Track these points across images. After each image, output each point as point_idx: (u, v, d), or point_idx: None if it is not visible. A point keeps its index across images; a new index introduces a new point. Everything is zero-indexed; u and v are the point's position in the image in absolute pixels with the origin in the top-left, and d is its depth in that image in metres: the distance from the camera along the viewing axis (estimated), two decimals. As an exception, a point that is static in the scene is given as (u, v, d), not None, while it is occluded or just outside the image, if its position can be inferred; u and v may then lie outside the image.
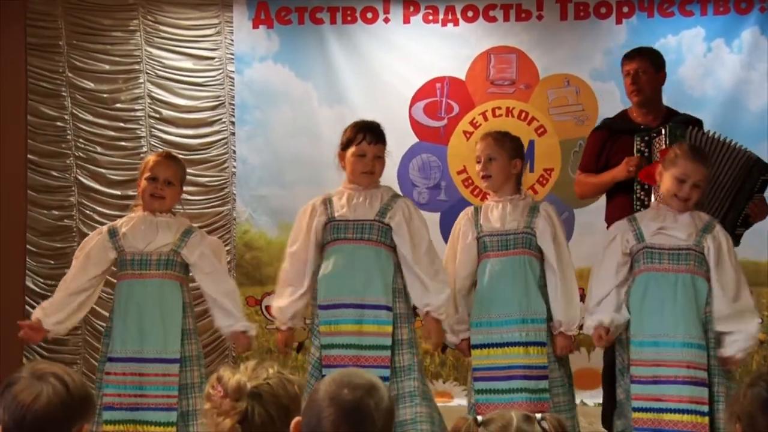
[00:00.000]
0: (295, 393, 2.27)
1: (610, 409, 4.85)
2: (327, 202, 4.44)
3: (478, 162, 4.47)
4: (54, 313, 4.38)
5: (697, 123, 5.17)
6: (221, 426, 2.21)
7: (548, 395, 4.26)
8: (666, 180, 4.25)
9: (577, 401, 4.60)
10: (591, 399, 6.13)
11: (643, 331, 4.17)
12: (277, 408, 2.22)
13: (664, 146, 4.73)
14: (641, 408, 4.13)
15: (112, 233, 4.45)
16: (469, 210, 4.55)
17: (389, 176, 6.67)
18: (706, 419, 4.04)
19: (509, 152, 4.45)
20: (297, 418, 2.10)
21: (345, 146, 4.47)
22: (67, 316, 4.42)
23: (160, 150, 6.72)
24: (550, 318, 4.35)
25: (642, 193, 4.89)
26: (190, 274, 4.53)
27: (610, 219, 4.94)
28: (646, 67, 5.12)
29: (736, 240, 4.67)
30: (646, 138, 4.90)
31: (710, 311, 4.15)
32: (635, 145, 4.92)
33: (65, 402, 2.13)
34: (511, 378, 4.28)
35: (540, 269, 4.37)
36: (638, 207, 4.86)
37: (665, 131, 4.77)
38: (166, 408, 4.25)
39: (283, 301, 4.44)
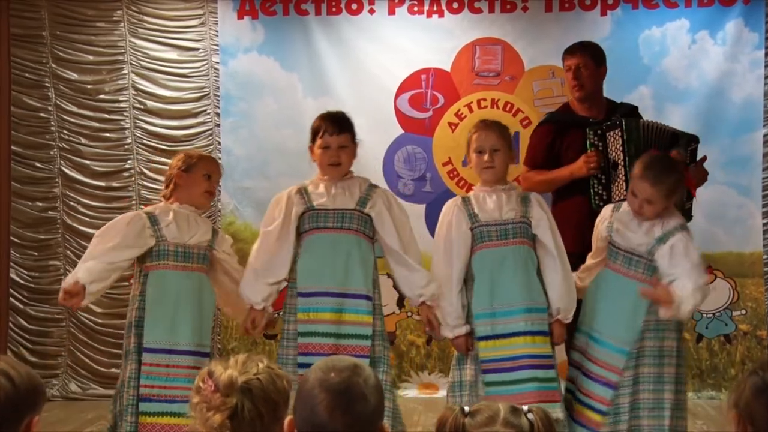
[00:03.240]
0: (284, 388, 2.27)
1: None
2: (302, 192, 4.41)
3: (481, 152, 4.37)
4: (96, 281, 4.24)
5: (635, 110, 5.21)
6: (210, 421, 2.21)
7: (557, 384, 4.26)
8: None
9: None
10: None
11: (590, 324, 4.32)
12: (266, 403, 2.22)
13: (621, 141, 4.74)
14: (567, 389, 4.39)
15: (154, 221, 4.38)
16: (457, 200, 4.47)
17: (374, 168, 6.72)
18: (603, 418, 4.19)
19: (509, 143, 4.43)
20: (289, 417, 2.10)
21: (312, 139, 4.47)
22: (103, 288, 4.33)
23: (153, 141, 6.79)
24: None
25: (599, 187, 4.89)
26: None
27: (562, 220, 4.68)
28: (587, 62, 5.11)
29: (687, 214, 4.67)
30: (599, 132, 4.88)
31: (652, 320, 4.19)
32: (588, 139, 4.91)
33: (11, 397, 2.09)
34: (520, 368, 4.25)
35: (536, 258, 4.36)
36: (597, 201, 4.87)
37: (622, 126, 4.76)
38: None
39: (258, 282, 4.36)
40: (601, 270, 4.37)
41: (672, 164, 4.30)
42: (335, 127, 4.40)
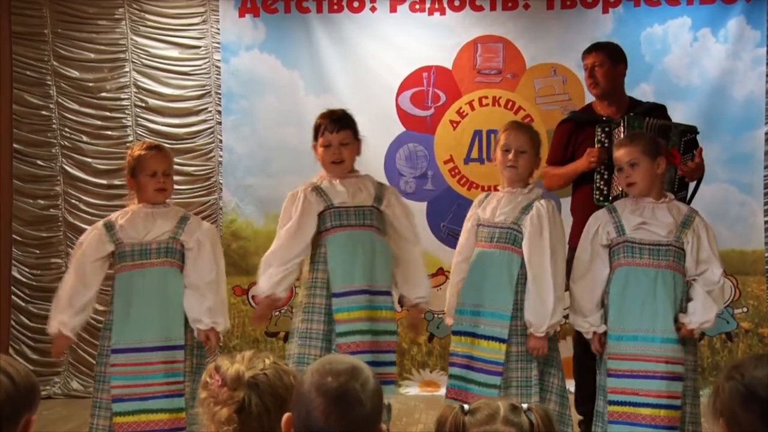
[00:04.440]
0: (291, 383, 2.27)
1: (580, 394, 5.01)
2: (319, 190, 4.42)
3: (507, 151, 4.35)
4: (76, 324, 4.43)
5: (661, 109, 5.26)
6: (218, 415, 2.21)
7: (497, 392, 4.21)
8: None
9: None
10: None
11: (621, 325, 4.18)
12: (273, 398, 2.22)
13: (622, 136, 4.80)
14: (617, 401, 4.15)
15: (109, 227, 4.41)
16: (481, 195, 4.57)
17: (376, 165, 6.71)
18: (679, 413, 4.08)
19: (537, 149, 4.43)
20: (287, 414, 2.10)
21: (315, 138, 4.49)
22: (85, 318, 4.51)
23: (145, 140, 6.70)
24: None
25: (601, 182, 4.97)
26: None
27: (576, 208, 5.13)
28: (603, 61, 5.20)
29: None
30: (606, 129, 4.98)
31: (686, 306, 4.16)
32: (596, 136, 5.00)
33: (11, 395, 2.09)
34: (471, 368, 4.31)
35: (522, 266, 4.30)
36: (597, 196, 4.95)
37: (624, 122, 4.85)
38: (173, 395, 4.25)
39: (275, 271, 4.35)
40: (617, 270, 4.25)
41: (645, 132, 4.49)
42: (335, 125, 4.42)
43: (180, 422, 4.26)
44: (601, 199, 4.90)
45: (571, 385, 5.07)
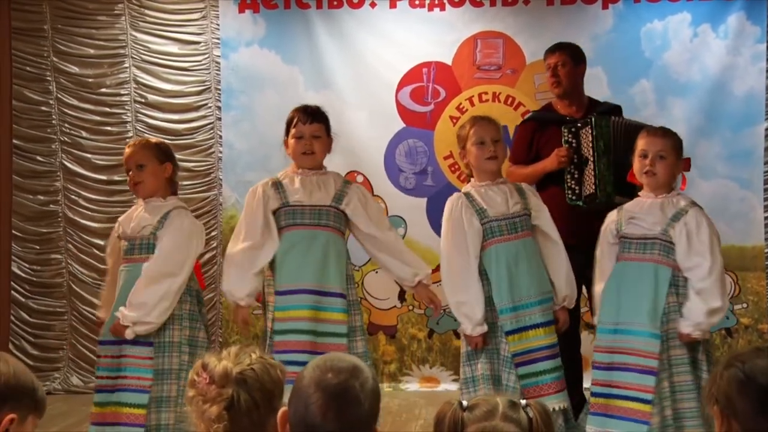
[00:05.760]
0: (278, 377, 2.27)
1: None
2: (277, 186, 4.41)
3: (483, 144, 4.39)
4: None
5: (618, 109, 5.35)
6: (208, 413, 2.20)
7: (563, 373, 4.30)
8: (634, 163, 4.31)
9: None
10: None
11: (608, 318, 4.24)
12: (262, 393, 2.22)
13: (591, 137, 4.91)
14: (597, 393, 4.21)
15: (119, 224, 4.52)
16: (459, 197, 4.46)
17: (376, 161, 6.73)
18: (649, 407, 4.08)
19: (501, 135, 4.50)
20: (283, 408, 2.10)
21: (286, 132, 4.48)
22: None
23: (154, 135, 6.70)
24: None
25: (573, 182, 5.04)
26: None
27: None
28: (565, 60, 5.30)
29: None
30: (573, 129, 5.04)
31: (674, 302, 4.16)
32: (563, 136, 5.08)
33: None
34: (540, 360, 4.29)
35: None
36: (570, 196, 5.02)
37: (591, 123, 4.92)
38: (139, 390, 4.23)
39: (242, 276, 4.35)
40: (615, 265, 4.30)
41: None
42: (308, 117, 4.42)
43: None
44: (574, 198, 5.01)
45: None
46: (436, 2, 6.87)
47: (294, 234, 4.35)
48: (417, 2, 6.88)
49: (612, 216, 4.38)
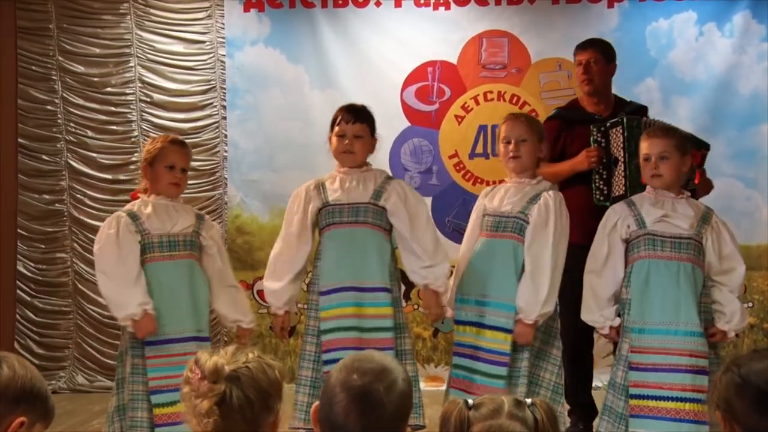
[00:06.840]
0: (276, 377, 2.26)
1: (573, 385, 4.91)
2: (320, 187, 4.44)
3: (508, 142, 4.36)
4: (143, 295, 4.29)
5: (644, 109, 5.27)
6: (199, 407, 2.20)
7: (503, 383, 4.20)
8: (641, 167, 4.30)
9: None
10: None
11: (644, 318, 4.13)
12: (256, 392, 2.22)
13: (622, 138, 4.81)
14: (639, 395, 4.09)
15: (133, 217, 4.36)
16: (488, 188, 4.57)
17: (381, 160, 6.70)
18: (705, 407, 4.00)
19: (539, 136, 4.41)
20: (315, 404, 2.13)
21: (331, 129, 4.49)
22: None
23: (160, 134, 6.65)
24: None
25: (601, 183, 4.94)
26: None
27: (569, 206, 4.77)
28: (598, 58, 5.17)
29: None
30: (602, 129, 4.95)
31: (707, 301, 4.15)
32: (592, 135, 4.97)
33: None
34: (476, 359, 4.29)
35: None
36: (598, 196, 4.93)
37: (623, 123, 4.82)
38: None
39: (278, 285, 4.43)
40: (637, 262, 4.20)
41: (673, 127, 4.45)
42: (351, 116, 4.43)
43: None
44: (602, 199, 4.89)
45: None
46: (441, 1, 6.87)
47: (333, 233, 4.38)
48: (422, 1, 6.88)
49: (621, 211, 4.30)
